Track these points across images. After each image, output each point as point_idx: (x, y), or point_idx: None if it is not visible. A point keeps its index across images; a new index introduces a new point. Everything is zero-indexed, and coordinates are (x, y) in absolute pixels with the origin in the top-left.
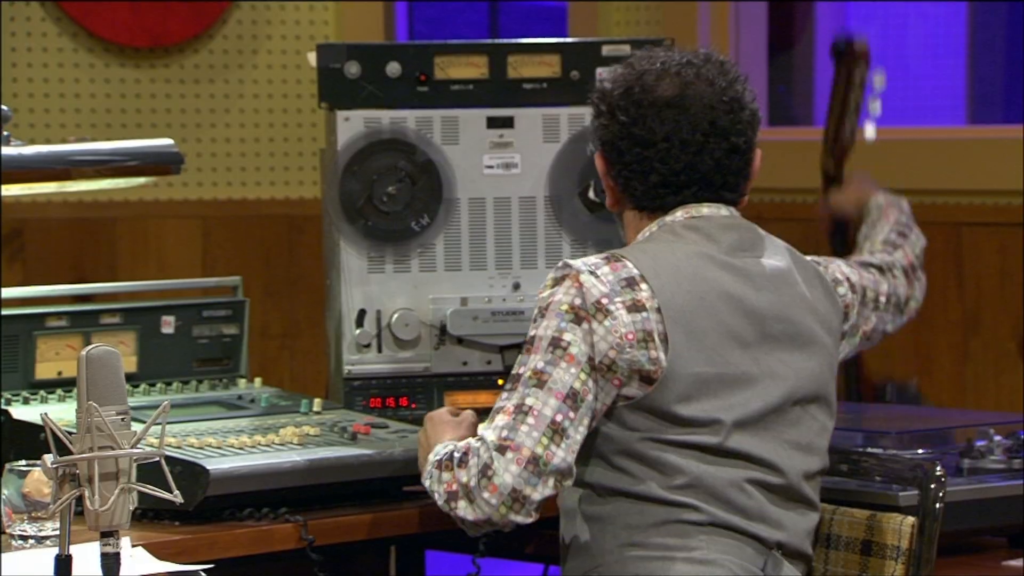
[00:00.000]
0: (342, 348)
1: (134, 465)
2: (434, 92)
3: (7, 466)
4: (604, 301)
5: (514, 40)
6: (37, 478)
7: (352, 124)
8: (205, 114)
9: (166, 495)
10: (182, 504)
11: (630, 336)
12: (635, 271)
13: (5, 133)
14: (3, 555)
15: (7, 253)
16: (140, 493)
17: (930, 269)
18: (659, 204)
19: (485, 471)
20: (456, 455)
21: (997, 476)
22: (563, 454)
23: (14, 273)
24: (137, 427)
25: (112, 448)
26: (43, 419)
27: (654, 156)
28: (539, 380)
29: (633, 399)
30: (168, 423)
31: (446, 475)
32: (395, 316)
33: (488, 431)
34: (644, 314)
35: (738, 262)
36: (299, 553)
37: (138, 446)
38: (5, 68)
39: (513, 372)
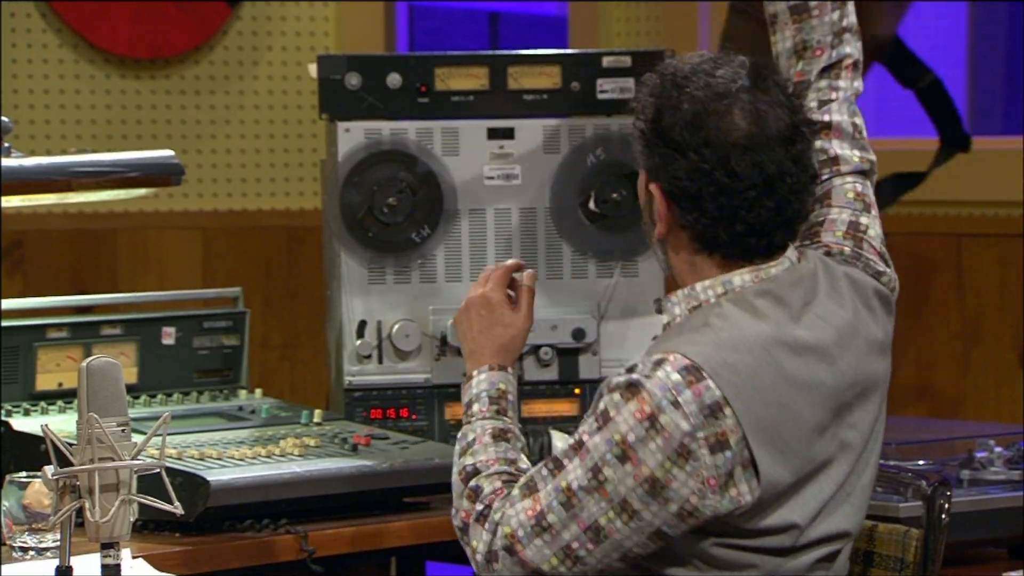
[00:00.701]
0: (343, 359)
1: (135, 476)
2: (434, 103)
3: (7, 477)
4: (687, 442)
5: (514, 51)
6: (38, 489)
7: (353, 135)
8: (205, 125)
9: (167, 506)
10: (183, 515)
11: (712, 481)
12: (717, 393)
13: (5, 144)
14: (3, 567)
15: (7, 264)
16: (141, 504)
17: (930, 280)
18: (742, 252)
19: (490, 559)
20: (479, 506)
21: (998, 487)
22: (569, 574)
23: (14, 284)
24: (138, 438)
25: (113, 459)
26: (43, 430)
27: (740, 204)
28: (567, 500)
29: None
30: (169, 434)
31: (467, 504)
32: (396, 327)
33: (511, 511)
34: (728, 453)
35: (810, 336)
36: (299, 564)
37: (139, 457)
38: (5, 79)
39: (557, 455)
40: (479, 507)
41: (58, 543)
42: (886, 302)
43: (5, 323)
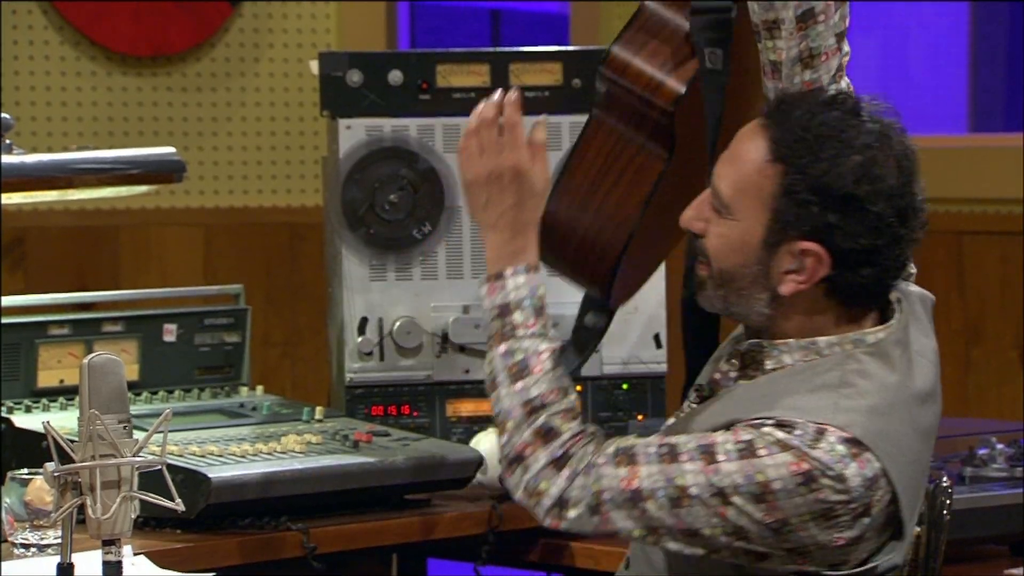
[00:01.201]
0: (344, 356)
1: (136, 473)
2: (436, 100)
3: (9, 474)
4: (837, 508)
5: (516, 48)
6: (39, 486)
7: (354, 132)
8: (207, 122)
9: (168, 503)
10: (184, 512)
11: (840, 541)
12: (877, 465)
13: (7, 141)
14: (5, 563)
15: (9, 261)
16: (142, 501)
17: (931, 278)
18: (883, 300)
19: (563, 505)
20: (557, 450)
21: (999, 484)
22: (642, 543)
23: (16, 281)
24: (139, 435)
25: (114, 456)
26: (45, 427)
27: (906, 251)
28: (678, 498)
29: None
30: (170, 431)
31: (531, 437)
32: (397, 324)
33: (603, 471)
34: (866, 520)
35: (924, 382)
36: (301, 561)
37: (140, 454)
38: (7, 76)
39: (674, 441)
40: (557, 451)
41: (59, 540)
42: (934, 307)
43: (6, 320)
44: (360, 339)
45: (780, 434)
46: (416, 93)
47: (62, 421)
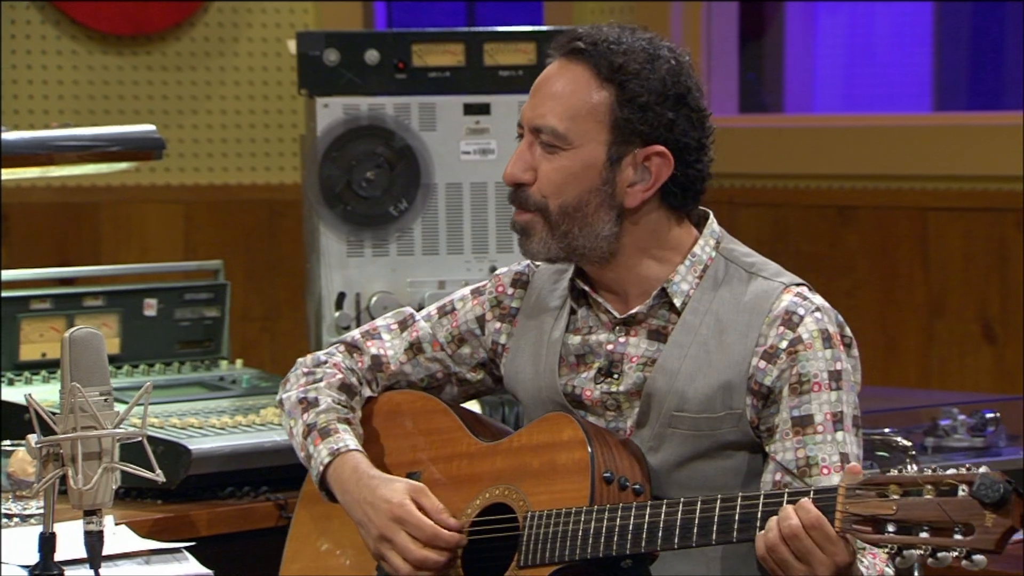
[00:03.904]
0: (322, 330)
1: (117, 445)
2: (412, 79)
3: None
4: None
5: (490, 28)
6: (21, 458)
7: (331, 110)
8: (187, 100)
9: (148, 474)
10: (164, 483)
11: None
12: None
13: None
14: None
15: None
16: (123, 472)
17: (896, 253)
18: (696, 198)
19: None
20: None
21: (961, 454)
22: None
23: None
24: (120, 408)
25: (95, 428)
26: (27, 400)
27: (707, 142)
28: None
29: None
30: (150, 404)
31: None
32: (374, 299)
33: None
34: None
35: None
36: (279, 531)
37: (121, 426)
38: None
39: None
40: None
41: (42, 510)
42: None
43: None
44: (338, 314)
45: (803, 332)
46: (392, 72)
47: (44, 394)
